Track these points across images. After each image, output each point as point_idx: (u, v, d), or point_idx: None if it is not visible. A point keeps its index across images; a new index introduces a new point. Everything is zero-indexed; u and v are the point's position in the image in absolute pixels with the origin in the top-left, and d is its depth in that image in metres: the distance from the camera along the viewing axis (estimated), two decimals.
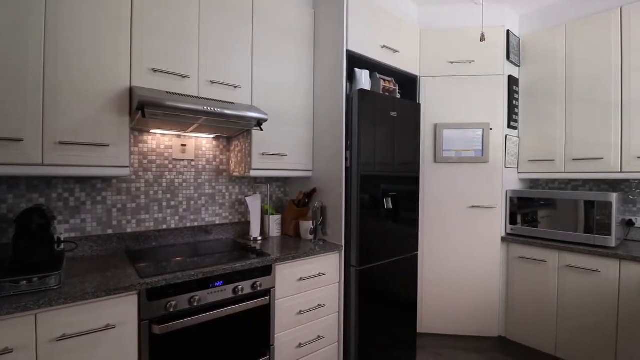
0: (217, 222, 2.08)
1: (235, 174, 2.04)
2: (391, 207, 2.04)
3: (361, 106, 1.88)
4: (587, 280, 1.99)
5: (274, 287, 1.62)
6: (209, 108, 1.49)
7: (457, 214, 2.39)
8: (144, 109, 1.34)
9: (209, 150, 2.05)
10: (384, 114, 2.02)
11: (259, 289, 1.54)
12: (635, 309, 1.82)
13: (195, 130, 1.83)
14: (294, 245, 1.91)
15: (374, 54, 2.07)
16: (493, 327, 2.38)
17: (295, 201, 2.16)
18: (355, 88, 2.02)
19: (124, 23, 1.46)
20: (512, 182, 2.51)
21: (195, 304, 1.36)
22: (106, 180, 1.70)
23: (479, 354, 2.38)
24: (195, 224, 1.99)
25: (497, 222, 2.37)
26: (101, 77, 1.40)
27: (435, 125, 2.40)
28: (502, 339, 2.41)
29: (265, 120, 1.69)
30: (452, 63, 2.40)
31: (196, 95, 1.65)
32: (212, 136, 2.04)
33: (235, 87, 1.79)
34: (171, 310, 1.29)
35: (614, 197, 1.98)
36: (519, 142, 2.55)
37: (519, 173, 2.56)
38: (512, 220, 2.40)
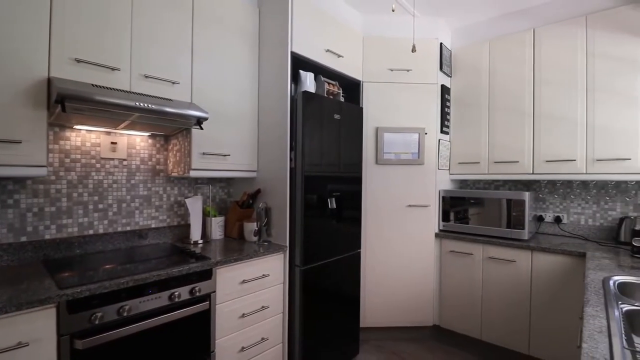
0: (153, 226, 1.95)
1: (173, 174, 1.94)
2: (335, 207, 2.09)
3: (305, 108, 1.91)
4: (506, 270, 2.24)
5: (214, 292, 1.57)
6: (141, 104, 1.40)
7: (396, 213, 2.53)
8: (64, 103, 1.22)
9: (144, 149, 1.92)
10: (328, 117, 2.07)
11: (197, 294, 1.49)
12: (544, 293, 2.09)
13: (128, 128, 1.70)
14: (237, 247, 1.87)
15: (318, 57, 2.11)
16: (428, 317, 2.57)
17: (239, 202, 2.12)
18: (300, 90, 2.04)
19: (40, 4, 1.31)
20: (444, 182, 2.73)
21: (125, 314, 1.27)
22: (19, 181, 1.51)
23: (416, 343, 2.55)
24: (128, 228, 1.86)
25: (432, 220, 2.56)
26: (11, 65, 1.24)
27: (377, 129, 2.52)
28: (437, 327, 2.60)
29: (206, 119, 1.64)
30: (392, 70, 2.54)
31: (128, 89, 1.54)
32: (147, 134, 1.92)
33: (174, 83, 1.70)
34: (96, 322, 1.19)
35: (526, 196, 2.25)
36: (450, 146, 2.78)
37: (450, 174, 2.79)
38: (445, 217, 2.61)
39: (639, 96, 2.01)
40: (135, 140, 1.88)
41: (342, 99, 2.38)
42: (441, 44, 2.61)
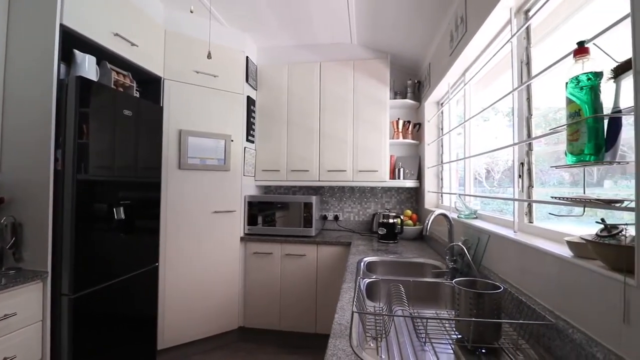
0: None
1: None
2: (123, 217, 1.81)
3: (81, 97, 1.56)
4: (299, 263, 2.58)
5: None
6: None
7: (202, 219, 2.46)
8: None
9: None
10: (115, 112, 1.77)
11: None
12: (326, 279, 2.54)
13: None
14: None
15: (103, 40, 1.78)
16: (234, 320, 2.61)
17: None
18: (74, 73, 1.65)
19: None
20: (250, 188, 2.88)
21: None
22: None
23: (221, 350, 2.54)
24: None
25: (237, 224, 2.64)
26: None
27: (180, 131, 2.36)
28: (242, 329, 2.68)
29: None
30: (198, 73, 2.46)
31: None
32: None
33: None
34: None
35: (314, 199, 2.68)
36: (256, 154, 2.97)
37: (255, 180, 2.98)
38: (252, 221, 2.75)
39: (382, 125, 2.79)
40: None
41: (136, 94, 2.10)
42: (247, 57, 2.75)
